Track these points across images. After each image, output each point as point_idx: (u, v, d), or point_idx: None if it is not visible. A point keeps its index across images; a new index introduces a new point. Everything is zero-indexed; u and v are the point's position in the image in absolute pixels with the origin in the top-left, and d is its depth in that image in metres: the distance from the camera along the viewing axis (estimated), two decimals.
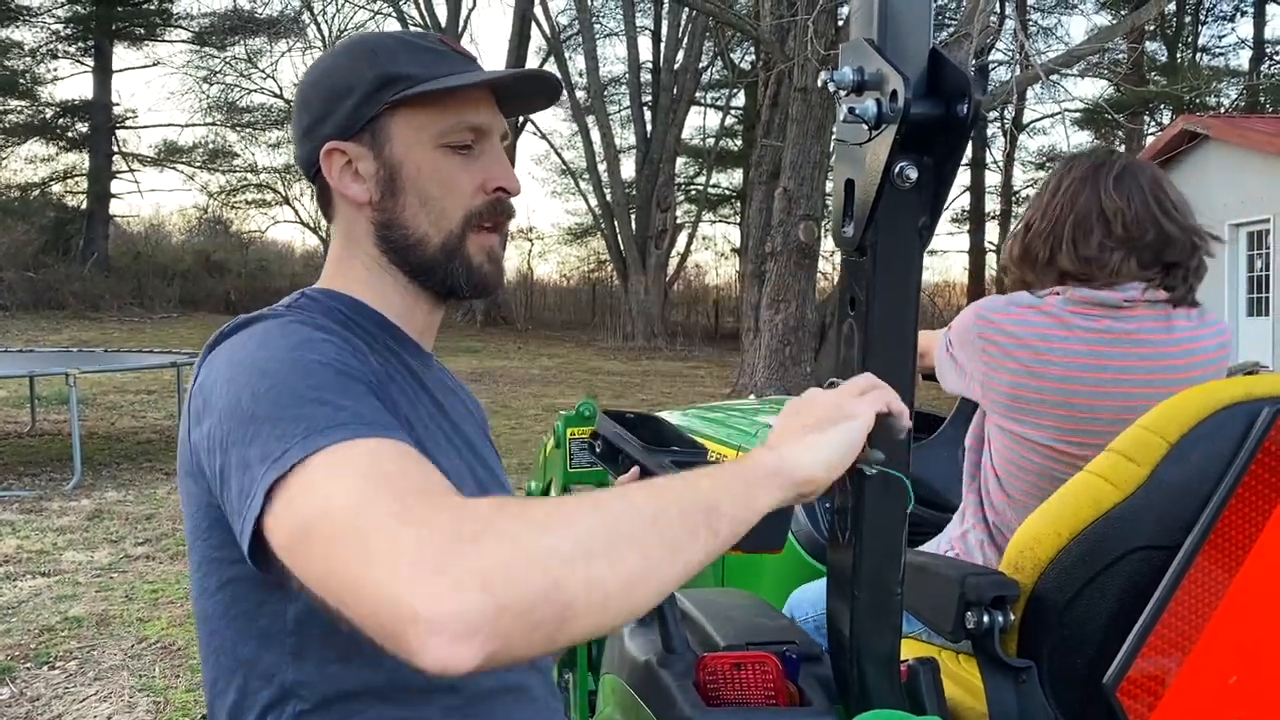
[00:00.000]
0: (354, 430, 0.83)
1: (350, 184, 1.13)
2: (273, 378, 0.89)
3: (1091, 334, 1.64)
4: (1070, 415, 1.64)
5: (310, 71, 1.18)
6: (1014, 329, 1.67)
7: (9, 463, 7.83)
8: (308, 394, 0.87)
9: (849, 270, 1.16)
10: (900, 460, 1.09)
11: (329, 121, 1.13)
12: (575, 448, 2.90)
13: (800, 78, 11.51)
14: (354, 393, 0.90)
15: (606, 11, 27.38)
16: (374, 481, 0.77)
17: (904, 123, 1.02)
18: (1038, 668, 1.33)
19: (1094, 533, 1.30)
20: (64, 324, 18.72)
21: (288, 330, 0.98)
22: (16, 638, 4.19)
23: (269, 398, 0.87)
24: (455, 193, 1.13)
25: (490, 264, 1.16)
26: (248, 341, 0.98)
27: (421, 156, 1.12)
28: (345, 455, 0.80)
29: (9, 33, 25.11)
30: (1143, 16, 13.18)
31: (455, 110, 1.12)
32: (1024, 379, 1.65)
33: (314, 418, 0.84)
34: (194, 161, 27.66)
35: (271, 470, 0.81)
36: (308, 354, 0.93)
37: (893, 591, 1.19)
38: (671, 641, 1.34)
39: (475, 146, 1.14)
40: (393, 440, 0.83)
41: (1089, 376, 1.63)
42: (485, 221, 1.15)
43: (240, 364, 0.94)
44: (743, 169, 27.64)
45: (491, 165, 1.15)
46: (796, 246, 11.66)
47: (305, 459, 0.80)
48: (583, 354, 19.73)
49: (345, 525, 0.74)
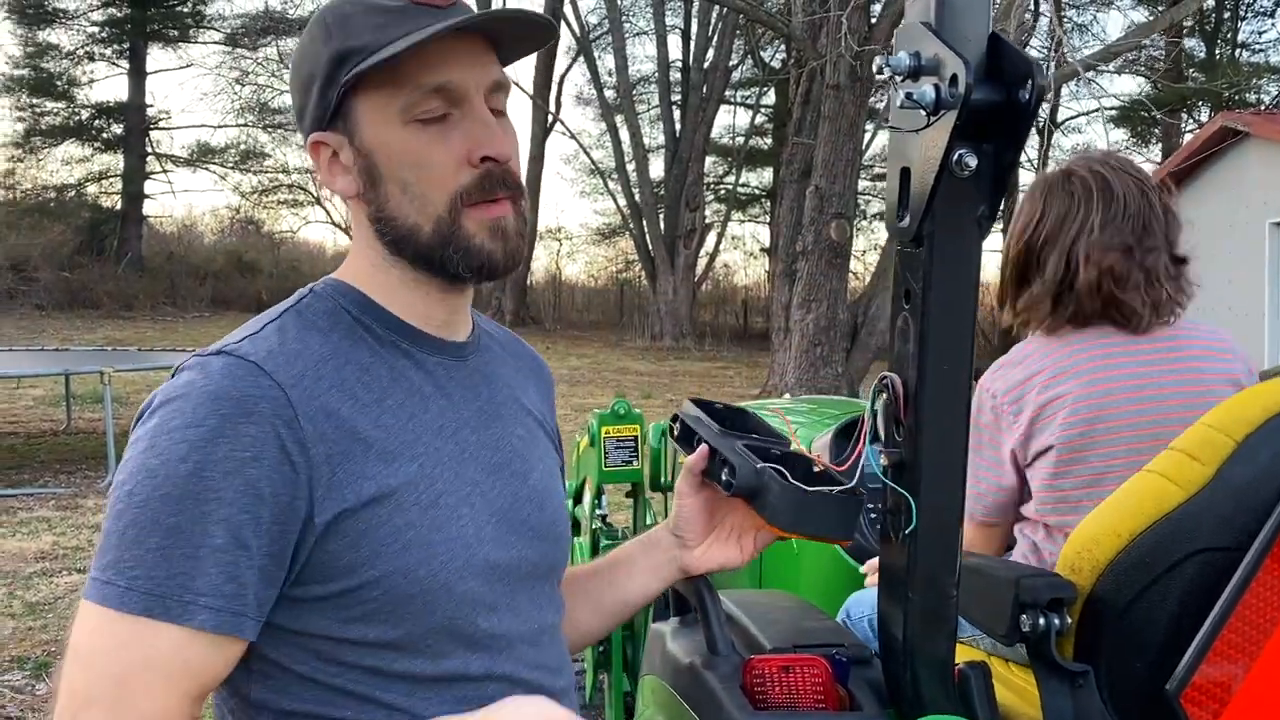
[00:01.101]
0: (161, 609, 0.89)
1: (338, 178, 1.06)
2: (149, 489, 0.92)
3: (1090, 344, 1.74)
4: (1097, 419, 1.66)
5: (292, 58, 1.09)
6: (1015, 372, 1.76)
7: (45, 460, 7.91)
8: (158, 533, 0.91)
9: (904, 262, 1.13)
10: None
11: (306, 113, 1.05)
12: (610, 446, 2.88)
13: (833, 74, 11.42)
14: (204, 545, 0.91)
15: (636, 10, 27.34)
16: (104, 678, 0.90)
17: (964, 108, 0.98)
18: (1095, 672, 1.29)
19: (1156, 533, 1.26)
20: (98, 323, 18.92)
21: (196, 426, 0.92)
22: (53, 633, 4.22)
23: (134, 510, 0.92)
24: (434, 173, 1.01)
25: (496, 240, 1.04)
26: (169, 409, 0.95)
27: (390, 137, 1.01)
28: (124, 632, 0.90)
29: (46, 35, 25.46)
30: (1181, 12, 12.99)
31: (414, 76, 0.99)
32: (1048, 395, 1.70)
33: (144, 571, 0.90)
34: (226, 162, 27.88)
35: (96, 591, 0.92)
36: (189, 475, 0.91)
37: (948, 594, 1.15)
38: (716, 643, 1.30)
39: (453, 112, 1.01)
40: (182, 630, 0.90)
41: (1101, 376, 1.69)
42: (479, 197, 1.03)
43: (143, 438, 0.95)
44: (772, 168, 27.52)
45: (473, 131, 1.02)
46: (828, 245, 11.58)
47: (108, 608, 0.90)
48: (611, 354, 19.71)
49: (73, 693, 0.92)
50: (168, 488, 0.91)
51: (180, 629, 0.90)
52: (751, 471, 1.17)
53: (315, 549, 0.95)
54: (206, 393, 0.94)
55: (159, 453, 0.92)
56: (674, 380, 15.47)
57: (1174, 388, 1.69)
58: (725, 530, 1.30)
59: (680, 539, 1.30)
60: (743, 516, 1.28)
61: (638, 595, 1.32)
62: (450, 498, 1.03)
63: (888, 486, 1.15)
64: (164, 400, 0.96)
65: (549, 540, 1.15)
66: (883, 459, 1.15)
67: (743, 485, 1.17)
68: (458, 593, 1.01)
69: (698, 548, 1.30)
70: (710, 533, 1.30)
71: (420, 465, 1.02)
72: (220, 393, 0.93)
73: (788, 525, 1.17)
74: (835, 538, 1.21)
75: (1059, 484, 1.70)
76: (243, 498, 0.91)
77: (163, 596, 0.89)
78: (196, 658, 0.91)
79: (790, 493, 1.14)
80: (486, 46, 1.05)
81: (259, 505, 0.92)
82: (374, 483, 0.98)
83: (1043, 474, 1.71)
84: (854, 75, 11.29)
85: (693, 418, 1.36)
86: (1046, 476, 1.71)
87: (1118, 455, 1.66)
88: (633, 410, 2.89)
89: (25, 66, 25.48)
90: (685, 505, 1.29)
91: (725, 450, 1.23)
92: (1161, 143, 25.40)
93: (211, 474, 0.91)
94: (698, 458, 1.27)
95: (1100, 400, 1.67)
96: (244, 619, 0.92)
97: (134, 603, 0.89)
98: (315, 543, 0.95)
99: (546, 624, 1.14)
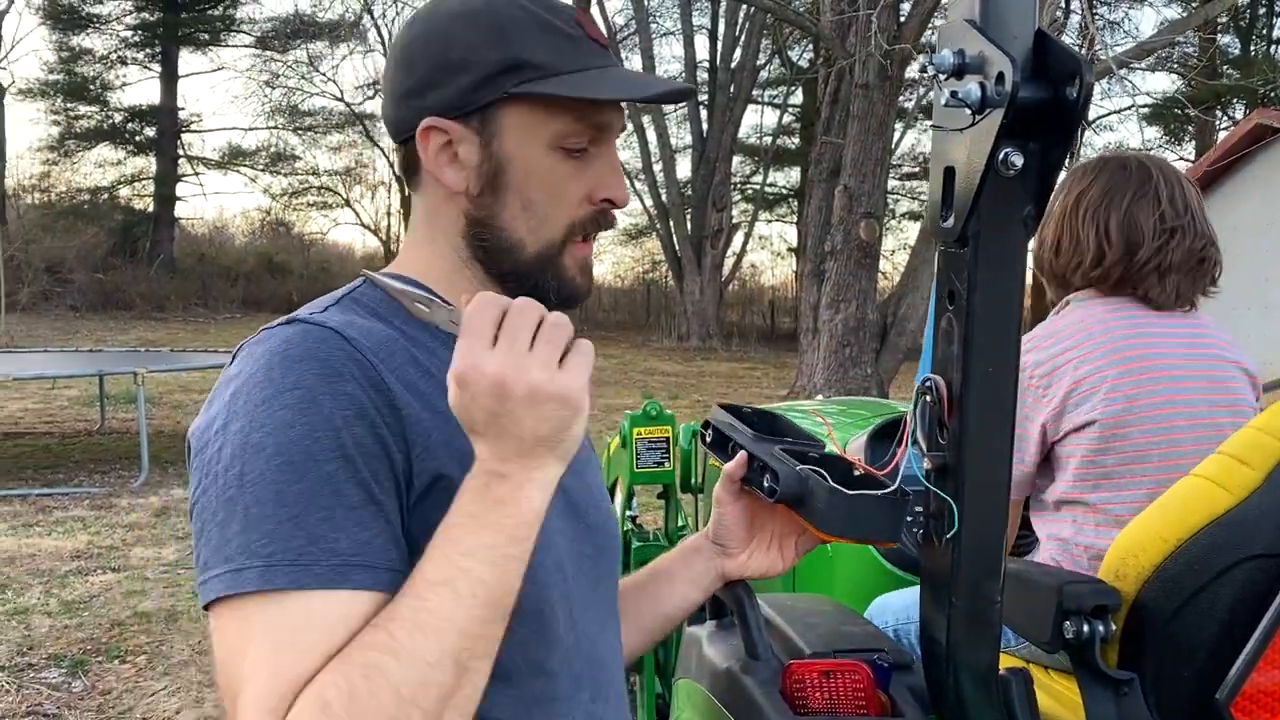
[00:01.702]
0: (310, 577, 0.83)
1: (447, 168, 1.02)
2: (261, 463, 0.85)
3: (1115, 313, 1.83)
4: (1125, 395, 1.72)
5: (416, 26, 1.04)
6: (1046, 347, 1.80)
7: (80, 460, 8.01)
8: (286, 504, 0.84)
9: (947, 263, 1.11)
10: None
11: (435, 94, 1.01)
12: (642, 447, 2.87)
13: (862, 73, 11.36)
14: (339, 504, 0.85)
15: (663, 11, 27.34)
16: (258, 660, 0.82)
17: (1011, 106, 0.97)
18: (1141, 680, 1.27)
19: (1204, 539, 1.23)
20: (131, 324, 19.15)
21: (291, 390, 0.88)
22: (89, 631, 4.26)
23: (251, 488, 0.85)
24: (562, 201, 1.03)
25: (583, 276, 1.07)
26: (254, 380, 0.90)
27: (533, 157, 1.01)
28: (275, 611, 0.83)
29: (80, 40, 25.81)
30: (1215, 8, 12.83)
31: (577, 111, 1.00)
32: (1083, 368, 1.75)
33: (281, 544, 0.84)
34: (257, 164, 28.17)
35: (227, 582, 0.84)
36: (302, 439, 0.86)
37: (992, 600, 1.13)
38: (756, 648, 1.29)
39: (591, 149, 1.03)
40: (337, 594, 0.84)
41: (1138, 354, 1.76)
42: (586, 233, 1.05)
43: (237, 414, 0.88)
44: (800, 167, 27.45)
45: (603, 173, 1.04)
46: (857, 245, 11.52)
47: (250, 594, 0.83)
48: (638, 354, 19.72)
49: (233, 697, 0.83)
50: (283, 456, 0.85)
51: (336, 594, 0.84)
52: (795, 477, 1.15)
53: (413, 514, 0.91)
54: (290, 358, 0.89)
55: (259, 426, 0.86)
56: (701, 381, 15.45)
57: (1197, 369, 1.78)
58: (766, 537, 1.28)
59: (721, 547, 1.29)
60: (783, 523, 1.27)
61: (678, 607, 1.30)
62: None
63: (930, 490, 1.13)
64: (240, 379, 0.91)
65: (604, 535, 1.13)
66: (925, 462, 1.13)
67: (787, 491, 1.16)
68: (534, 569, 1.00)
69: (739, 556, 1.28)
70: (751, 540, 1.28)
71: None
72: (306, 354, 0.90)
73: (837, 530, 1.15)
74: (882, 540, 1.19)
75: (1102, 460, 1.73)
76: (360, 454, 0.87)
77: (309, 565, 0.83)
78: (357, 620, 0.85)
79: (837, 497, 1.13)
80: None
81: (374, 461, 0.88)
82: (459, 452, 0.93)
83: (1083, 449, 1.74)
84: (883, 74, 11.22)
85: (725, 423, 1.35)
86: (1088, 452, 1.73)
87: (1160, 432, 1.72)
88: (664, 412, 2.88)
89: (60, 71, 25.88)
90: (725, 513, 1.28)
91: (764, 456, 1.22)
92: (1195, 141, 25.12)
93: (324, 433, 0.86)
94: (737, 465, 1.25)
95: (1138, 377, 1.73)
96: (396, 574, 0.87)
97: (279, 578, 0.83)
98: (413, 506, 0.91)
99: (610, 624, 1.13)
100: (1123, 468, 1.72)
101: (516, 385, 0.83)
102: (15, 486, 6.92)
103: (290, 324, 0.95)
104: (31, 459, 8.00)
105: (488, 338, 0.85)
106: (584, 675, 1.05)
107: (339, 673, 0.80)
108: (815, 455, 1.22)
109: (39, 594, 4.72)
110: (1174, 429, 1.72)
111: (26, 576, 4.98)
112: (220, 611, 0.85)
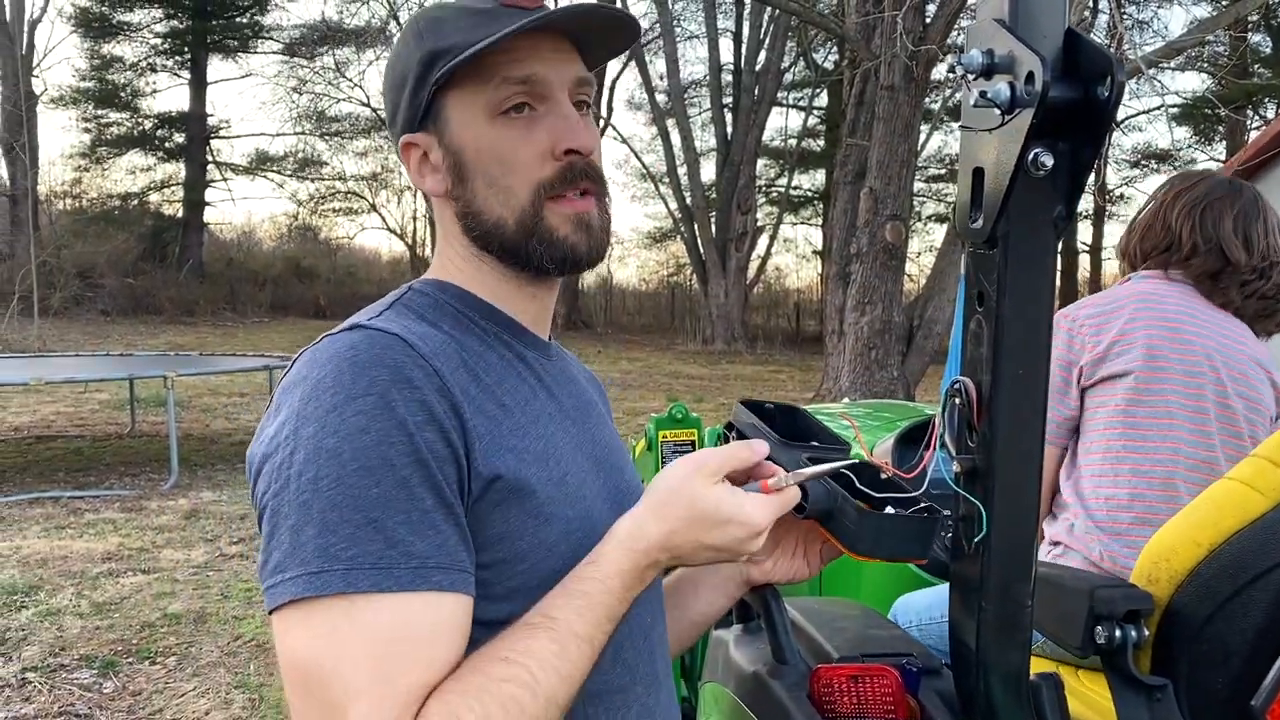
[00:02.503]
0: (393, 580, 0.84)
1: (428, 177, 1.08)
2: (336, 468, 0.86)
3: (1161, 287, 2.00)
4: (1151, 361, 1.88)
5: (386, 65, 1.12)
6: (1102, 302, 2.00)
7: (110, 463, 8.09)
8: (363, 508, 0.85)
9: (976, 264, 1.10)
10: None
11: (399, 116, 1.08)
12: (667, 450, 2.86)
13: (887, 75, 11.31)
14: (414, 508, 0.87)
15: (688, 14, 27.36)
16: (360, 667, 0.82)
17: (1041, 106, 0.96)
18: (1174, 686, 1.25)
19: (1239, 543, 1.22)
20: (161, 329, 19.35)
21: (364, 395, 0.89)
22: (119, 632, 4.30)
23: (327, 493, 0.86)
24: (518, 166, 1.03)
25: (579, 232, 1.05)
26: (324, 385, 0.90)
27: (479, 133, 1.03)
28: (363, 615, 0.84)
29: (111, 48, 26.11)
30: (1246, 7, 12.67)
31: (500, 71, 1.01)
32: (1121, 326, 1.92)
33: (361, 548, 0.85)
34: (284, 170, 28.42)
35: (304, 584, 0.84)
36: (377, 444, 0.87)
37: (1023, 604, 1.12)
38: (783, 652, 1.28)
39: (537, 106, 1.03)
40: (421, 596, 0.85)
41: (1187, 327, 1.92)
42: (561, 190, 1.04)
43: (309, 419, 0.89)
44: (825, 170, 27.37)
45: (556, 125, 1.03)
46: (883, 247, 11.46)
47: (333, 597, 0.84)
48: (662, 358, 19.71)
49: (329, 702, 0.83)
50: (359, 461, 0.86)
51: (421, 596, 0.86)
52: (824, 493, 1.14)
53: (471, 514, 0.93)
54: (359, 363, 0.91)
55: (332, 431, 0.87)
56: (726, 384, 15.42)
57: (1230, 358, 1.92)
58: (791, 543, 1.27)
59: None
60: (808, 530, 1.26)
61: (704, 613, 1.30)
62: (573, 478, 1.04)
63: (959, 494, 1.12)
64: (309, 384, 0.92)
65: None
66: (955, 466, 1.12)
67: (816, 509, 1.14)
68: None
69: (763, 562, 1.27)
70: (775, 547, 1.28)
71: (545, 444, 1.02)
72: (375, 361, 0.91)
73: (866, 550, 1.12)
74: (912, 559, 1.18)
75: (1134, 411, 1.88)
76: (434, 459, 0.89)
77: (389, 568, 0.85)
78: (446, 624, 0.87)
79: (867, 518, 1.11)
80: (571, 47, 1.07)
81: (445, 464, 0.90)
82: (514, 455, 0.96)
83: (1116, 399, 1.89)
84: (909, 76, 11.17)
85: (748, 425, 1.34)
86: (1121, 402, 1.89)
87: (1188, 399, 1.88)
88: (690, 414, 2.87)
89: (91, 79, 26.21)
90: None
91: (789, 464, 1.20)
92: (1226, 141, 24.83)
93: (398, 439, 0.88)
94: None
95: (1177, 344, 1.90)
96: (469, 575, 0.90)
97: (363, 581, 0.84)
98: (471, 506, 0.93)
99: (658, 622, 1.15)
100: (1150, 421, 1.86)
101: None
102: (48, 489, 7.00)
103: (353, 330, 0.96)
104: (63, 462, 8.09)
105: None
106: (638, 666, 1.07)
107: (476, 698, 0.83)
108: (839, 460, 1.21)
109: (71, 595, 4.77)
110: (1202, 398, 1.88)
111: (59, 578, 5.04)
112: (292, 614, 0.85)
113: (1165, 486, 1.83)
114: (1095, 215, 27.05)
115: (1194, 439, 1.87)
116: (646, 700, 1.07)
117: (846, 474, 1.17)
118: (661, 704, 1.10)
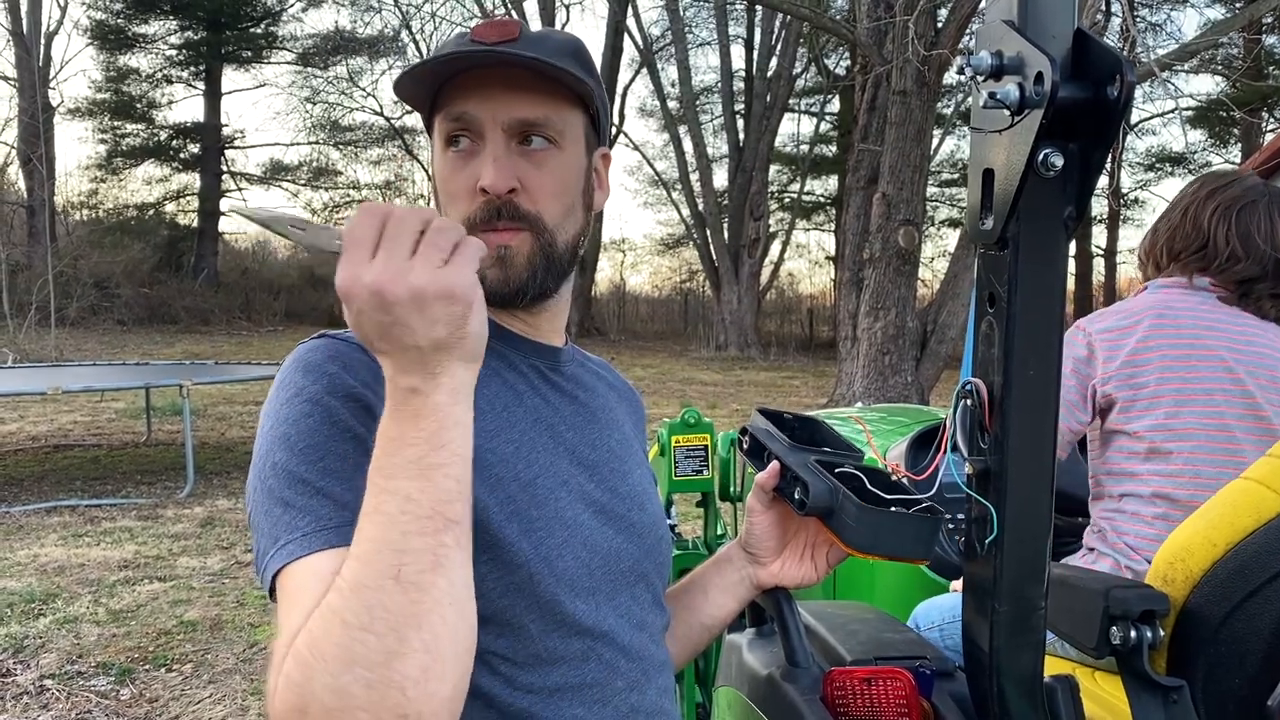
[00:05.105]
0: (301, 546, 0.88)
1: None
2: (267, 454, 0.94)
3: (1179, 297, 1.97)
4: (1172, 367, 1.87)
5: None
6: (1118, 316, 1.94)
7: (127, 471, 8.13)
8: (280, 488, 0.92)
9: (987, 265, 1.10)
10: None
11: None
12: (680, 455, 2.87)
13: (899, 80, 11.30)
14: (325, 473, 0.92)
15: (699, 21, 27.38)
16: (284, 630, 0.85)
17: (1050, 107, 0.96)
18: (1190, 687, 1.24)
19: (1255, 543, 1.21)
20: (177, 338, 19.45)
21: (285, 383, 0.99)
22: (136, 640, 4.32)
23: (265, 480, 0.93)
24: (453, 197, 1.07)
25: (494, 267, 1.05)
26: (274, 384, 1.01)
27: (438, 162, 1.10)
28: (291, 582, 0.88)
29: (127, 60, 26.31)
30: (1260, 8, 12.62)
31: (447, 104, 1.07)
32: (1141, 339, 1.89)
33: (283, 526, 0.90)
34: (298, 179, 28.54)
35: (270, 564, 0.90)
36: (290, 423, 0.95)
37: (1036, 606, 1.12)
38: (796, 655, 1.28)
39: (473, 142, 1.06)
40: (316, 556, 0.88)
41: (1206, 337, 1.89)
42: (482, 227, 1.04)
43: (263, 414, 1.00)
44: (837, 175, 27.33)
45: (480, 163, 1.05)
46: (896, 252, 11.45)
47: (279, 570, 0.89)
48: (675, 364, 19.71)
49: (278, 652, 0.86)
50: (306, 440, 0.93)
51: (332, 552, 0.89)
52: (825, 490, 1.15)
53: None
54: (305, 362, 0.99)
55: (283, 420, 0.95)
56: (739, 390, 15.41)
57: (1254, 364, 1.89)
58: (799, 546, 1.28)
59: (753, 556, 1.29)
60: (816, 532, 1.26)
61: (714, 617, 1.30)
62: (547, 481, 1.05)
63: (971, 496, 1.12)
64: (273, 389, 1.01)
65: (651, 540, 1.15)
66: (966, 468, 1.12)
67: (816, 505, 1.15)
68: (558, 569, 1.02)
69: (771, 565, 1.28)
70: (784, 549, 1.28)
71: (516, 447, 1.04)
72: (319, 356, 0.99)
73: (864, 546, 1.14)
74: (913, 558, 1.17)
75: (1152, 435, 1.85)
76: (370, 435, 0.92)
77: (339, 527, 0.89)
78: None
79: (866, 513, 1.11)
80: (532, 82, 1.05)
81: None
82: (474, 452, 0.95)
83: (1137, 446, 1.87)
84: (921, 80, 11.16)
85: (762, 430, 1.34)
86: (1141, 450, 1.86)
87: (1210, 415, 1.85)
88: (703, 420, 2.88)
89: (107, 90, 26.38)
90: (757, 522, 1.28)
91: (797, 467, 1.21)
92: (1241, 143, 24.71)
93: (343, 414, 0.94)
94: (769, 475, 1.25)
95: (1188, 357, 1.87)
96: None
97: (305, 544, 0.89)
98: None
99: (649, 624, 1.13)
100: (1172, 444, 1.83)
101: (397, 291, 0.80)
102: (65, 497, 7.04)
103: (314, 339, 1.04)
104: (80, 470, 8.14)
105: (368, 250, 0.83)
106: (617, 664, 1.06)
107: (308, 620, 0.83)
108: (851, 465, 1.21)
109: (88, 603, 4.80)
110: (1223, 415, 1.84)
111: (76, 586, 5.06)
112: (292, 571, 0.89)
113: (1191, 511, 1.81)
114: (1110, 219, 26.94)
115: (1218, 458, 1.83)
116: (630, 697, 1.07)
117: (858, 476, 1.17)
118: (648, 703, 1.10)
